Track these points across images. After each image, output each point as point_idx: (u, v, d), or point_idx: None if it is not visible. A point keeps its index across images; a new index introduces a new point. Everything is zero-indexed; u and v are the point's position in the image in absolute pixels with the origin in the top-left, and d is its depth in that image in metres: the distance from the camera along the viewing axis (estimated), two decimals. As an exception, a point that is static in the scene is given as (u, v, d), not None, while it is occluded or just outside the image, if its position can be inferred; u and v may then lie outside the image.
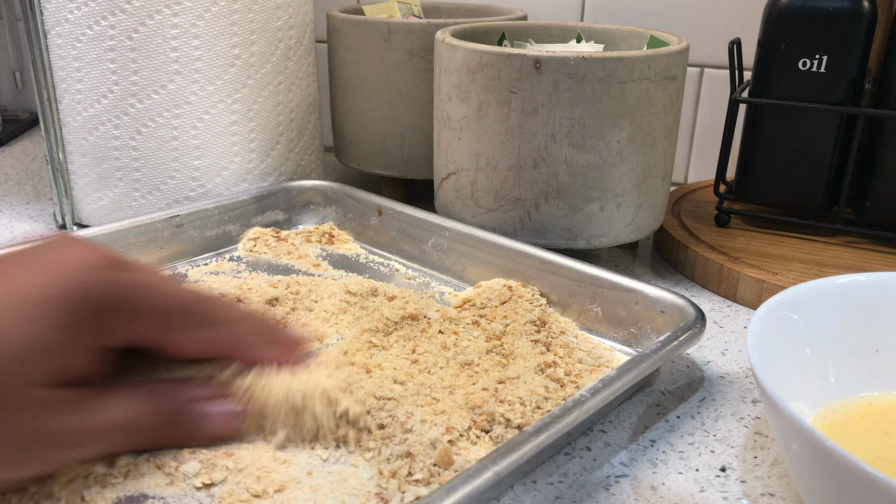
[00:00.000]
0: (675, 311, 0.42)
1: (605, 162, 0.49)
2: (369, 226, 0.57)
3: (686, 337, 0.39)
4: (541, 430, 0.31)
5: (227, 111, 0.56)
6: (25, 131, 0.91)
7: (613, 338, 0.44)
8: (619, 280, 0.44)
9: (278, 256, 0.54)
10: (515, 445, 0.30)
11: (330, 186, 0.59)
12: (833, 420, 0.35)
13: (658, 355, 0.37)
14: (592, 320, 0.45)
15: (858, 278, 0.38)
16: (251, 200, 0.57)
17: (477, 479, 0.28)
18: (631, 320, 0.44)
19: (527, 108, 0.48)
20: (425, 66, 0.61)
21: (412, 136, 0.64)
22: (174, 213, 0.53)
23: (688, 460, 0.36)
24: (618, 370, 0.35)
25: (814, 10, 0.53)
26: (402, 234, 0.55)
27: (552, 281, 0.47)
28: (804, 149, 0.56)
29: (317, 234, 0.57)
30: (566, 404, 0.33)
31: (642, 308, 0.43)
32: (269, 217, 0.58)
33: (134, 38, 0.53)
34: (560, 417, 0.32)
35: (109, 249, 0.30)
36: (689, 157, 0.75)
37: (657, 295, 0.43)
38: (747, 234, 0.58)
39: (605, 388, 0.34)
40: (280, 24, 0.58)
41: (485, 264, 0.50)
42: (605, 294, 0.44)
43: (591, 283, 0.45)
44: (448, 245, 0.52)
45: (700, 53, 0.71)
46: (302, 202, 0.59)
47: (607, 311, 0.44)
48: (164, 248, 0.52)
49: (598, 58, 0.47)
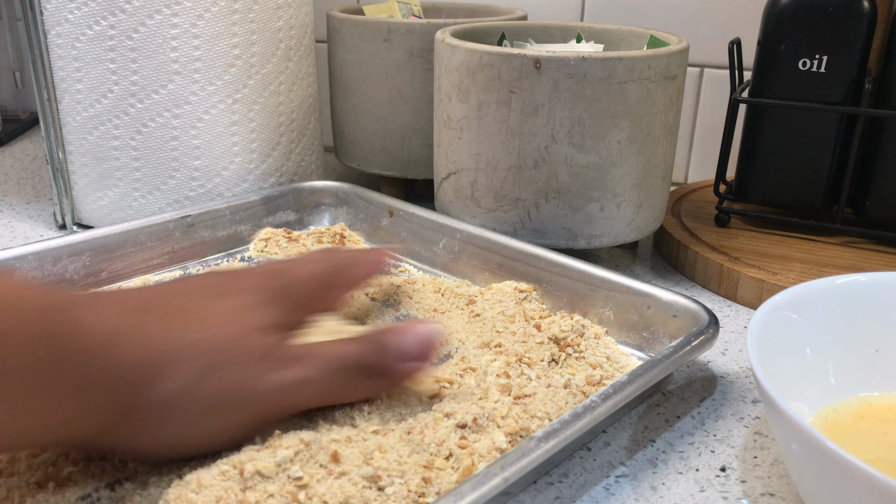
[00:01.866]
0: (687, 316, 0.41)
1: (606, 162, 0.49)
2: (380, 227, 0.57)
3: (699, 342, 0.38)
4: (550, 435, 0.31)
5: (227, 111, 0.56)
6: (25, 131, 0.91)
7: (625, 342, 0.44)
8: (632, 284, 0.44)
9: (290, 257, 0.54)
10: (525, 452, 0.30)
11: (341, 187, 0.59)
12: (833, 420, 0.35)
13: (671, 360, 0.36)
14: (604, 324, 0.45)
15: (858, 278, 0.38)
16: (262, 201, 0.57)
17: (485, 486, 0.28)
18: (643, 324, 0.43)
19: (527, 108, 0.48)
20: (425, 66, 0.62)
21: (412, 136, 0.64)
22: (186, 212, 0.53)
23: (688, 460, 0.36)
24: (629, 375, 0.35)
25: (814, 10, 0.53)
26: (414, 236, 0.54)
27: (564, 284, 0.46)
28: (804, 149, 0.56)
29: (328, 234, 0.57)
30: (576, 410, 0.32)
31: (655, 312, 0.43)
32: (280, 217, 0.58)
33: (134, 38, 0.53)
34: (570, 423, 0.32)
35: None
36: (689, 157, 0.75)
37: (670, 299, 0.42)
38: (747, 234, 0.58)
39: (616, 393, 0.34)
40: (280, 24, 0.58)
41: (496, 266, 0.50)
42: (618, 297, 0.44)
43: (604, 287, 0.44)
44: (459, 247, 0.52)
45: (700, 53, 0.71)
46: (313, 203, 0.59)
47: (619, 315, 0.44)
48: (175, 248, 0.52)
49: (599, 58, 0.47)
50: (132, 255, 0.50)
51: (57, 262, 0.47)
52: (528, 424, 0.34)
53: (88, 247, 0.48)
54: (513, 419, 0.34)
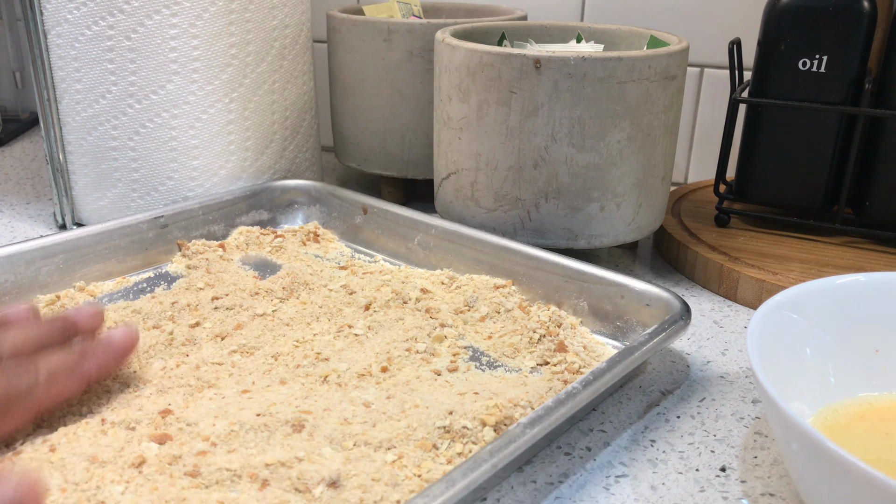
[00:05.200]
0: (660, 305, 0.42)
1: (606, 162, 0.49)
2: (354, 224, 0.57)
3: (673, 329, 0.39)
4: (535, 422, 0.32)
5: (224, 110, 0.56)
6: (25, 131, 0.91)
7: (600, 331, 0.45)
8: (605, 274, 0.45)
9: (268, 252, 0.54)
10: (512, 438, 0.31)
11: (314, 186, 0.59)
12: (833, 420, 0.35)
13: (646, 347, 0.38)
14: (579, 314, 0.45)
15: (858, 278, 0.38)
16: (235, 200, 0.57)
17: (475, 472, 0.29)
18: (617, 314, 0.44)
19: (527, 108, 0.48)
20: (425, 66, 0.61)
21: (412, 136, 0.64)
22: (158, 213, 0.53)
23: (688, 460, 0.36)
24: (608, 362, 0.36)
25: (814, 10, 0.53)
26: (388, 233, 0.55)
27: (538, 276, 0.47)
28: (804, 149, 0.56)
29: (302, 233, 0.57)
30: (558, 396, 0.33)
31: (628, 302, 0.44)
32: (253, 217, 0.58)
33: (133, 39, 0.53)
34: (553, 410, 0.32)
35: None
36: (689, 157, 0.75)
37: (642, 289, 0.43)
38: (747, 234, 0.58)
39: (595, 380, 0.35)
40: (276, 23, 0.58)
41: (471, 261, 0.50)
42: (591, 289, 0.45)
43: (577, 279, 0.45)
44: (434, 242, 0.52)
45: (700, 53, 0.71)
46: (286, 202, 0.59)
47: (593, 306, 0.45)
48: (148, 250, 0.52)
49: (599, 58, 0.47)
50: (106, 257, 0.50)
51: (30, 265, 0.47)
52: (511, 413, 0.34)
53: (61, 248, 0.48)
54: (497, 408, 0.34)
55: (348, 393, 0.37)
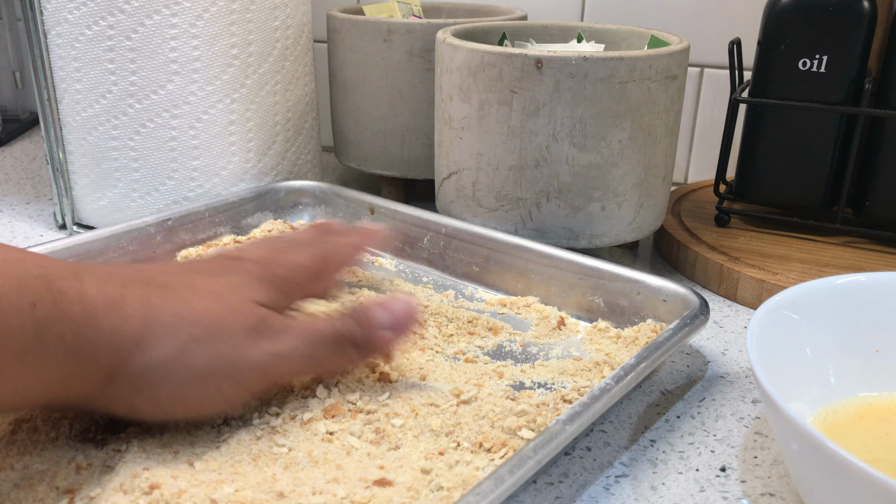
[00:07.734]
0: (677, 300, 0.42)
1: (607, 162, 0.49)
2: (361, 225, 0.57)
3: (696, 323, 0.39)
4: (573, 418, 0.32)
5: (225, 111, 0.56)
6: (25, 131, 0.91)
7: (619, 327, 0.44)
8: (621, 271, 0.45)
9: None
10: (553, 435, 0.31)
11: (319, 186, 0.59)
12: (833, 420, 0.35)
13: (671, 342, 0.38)
14: (595, 311, 0.45)
15: (858, 278, 0.38)
16: (241, 202, 0.57)
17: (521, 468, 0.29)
18: (633, 310, 0.44)
19: (528, 108, 0.48)
20: (425, 66, 0.61)
21: (412, 136, 0.64)
22: (166, 216, 0.52)
23: (688, 460, 0.36)
24: (636, 357, 0.36)
25: (814, 10, 0.53)
26: (397, 233, 0.55)
27: (552, 274, 0.47)
28: (804, 149, 0.56)
29: None
30: (593, 392, 0.33)
31: (644, 298, 0.44)
32: (259, 218, 0.58)
33: (133, 39, 0.53)
34: (589, 406, 0.32)
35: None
36: (689, 157, 0.75)
37: (659, 285, 0.43)
38: (747, 234, 0.58)
39: (626, 375, 0.35)
40: (277, 23, 0.58)
41: (483, 260, 0.50)
42: (607, 285, 0.45)
43: (593, 275, 0.45)
44: (444, 242, 0.52)
45: (700, 53, 0.71)
46: (291, 202, 0.59)
47: (609, 302, 0.45)
48: (156, 252, 0.52)
49: (600, 58, 0.47)
50: (115, 260, 0.50)
51: None
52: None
53: (71, 253, 0.48)
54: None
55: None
